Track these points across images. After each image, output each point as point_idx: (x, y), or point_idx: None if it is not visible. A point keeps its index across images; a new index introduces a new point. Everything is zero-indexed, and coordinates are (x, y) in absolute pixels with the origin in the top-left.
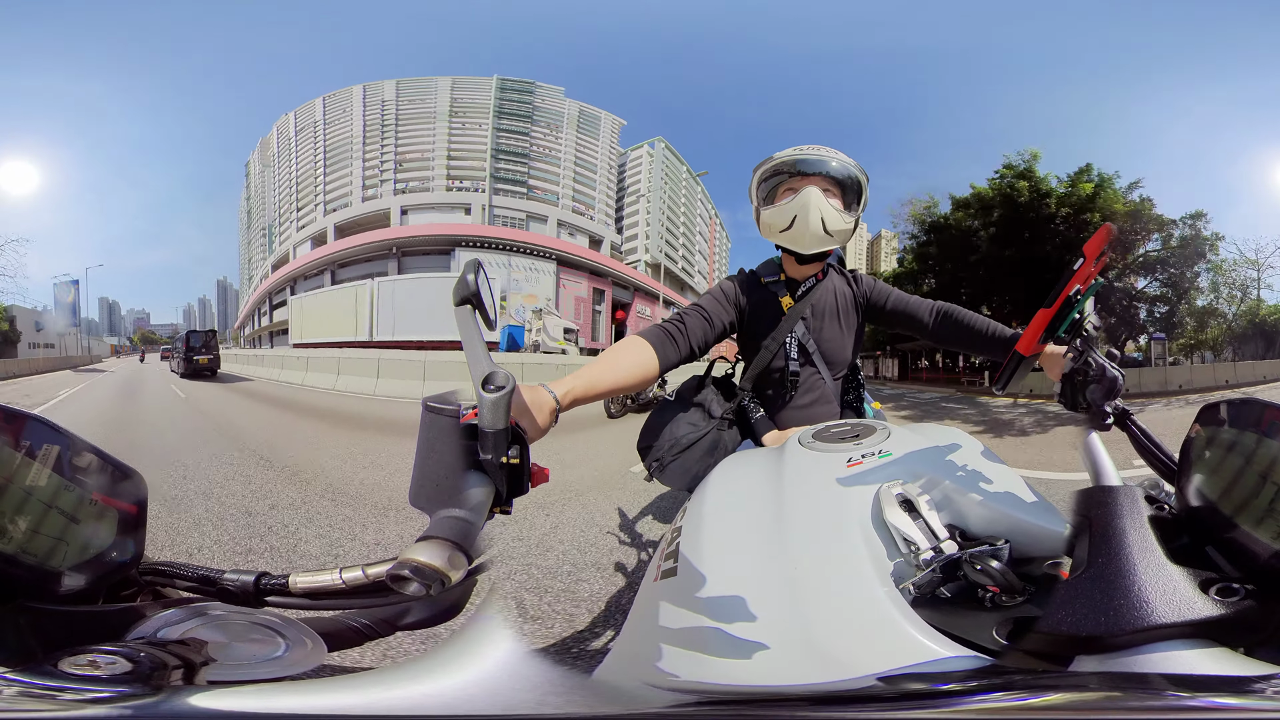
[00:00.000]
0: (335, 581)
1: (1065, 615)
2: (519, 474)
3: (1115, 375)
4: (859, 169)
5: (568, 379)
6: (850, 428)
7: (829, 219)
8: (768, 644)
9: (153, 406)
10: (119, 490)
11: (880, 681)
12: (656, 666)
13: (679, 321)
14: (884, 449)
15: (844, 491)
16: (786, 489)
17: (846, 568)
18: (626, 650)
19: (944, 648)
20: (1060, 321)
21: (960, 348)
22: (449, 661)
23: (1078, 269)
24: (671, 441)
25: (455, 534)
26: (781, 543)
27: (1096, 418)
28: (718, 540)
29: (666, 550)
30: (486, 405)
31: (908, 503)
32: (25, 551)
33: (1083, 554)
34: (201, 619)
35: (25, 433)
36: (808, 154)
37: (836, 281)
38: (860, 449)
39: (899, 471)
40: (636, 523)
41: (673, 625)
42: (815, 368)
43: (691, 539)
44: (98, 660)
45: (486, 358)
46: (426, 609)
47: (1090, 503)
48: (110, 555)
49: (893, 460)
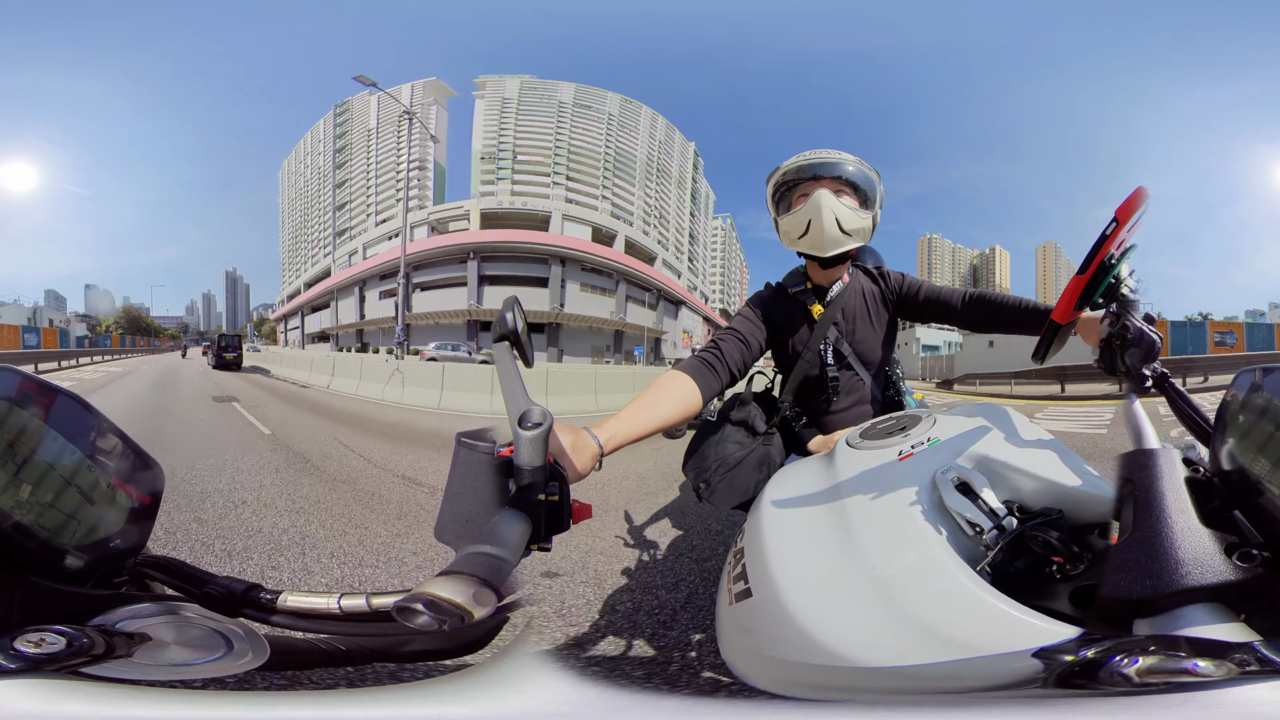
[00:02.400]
0: (330, 606)
1: (1119, 580)
2: (559, 510)
3: (1154, 338)
4: (868, 165)
5: (611, 422)
6: (896, 421)
7: (844, 218)
8: (878, 633)
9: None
10: (137, 479)
11: (1037, 658)
12: (784, 673)
13: (715, 349)
14: (932, 436)
15: (901, 484)
16: (844, 492)
17: (924, 558)
18: (743, 668)
19: (1044, 622)
20: (1095, 287)
21: (995, 329)
22: (465, 690)
23: (1110, 233)
24: (718, 461)
25: (484, 570)
26: (853, 546)
27: (1136, 381)
28: (786, 554)
29: (734, 572)
30: (523, 442)
31: (964, 485)
32: (39, 524)
33: (1129, 518)
34: (168, 617)
35: (56, 407)
36: (812, 158)
37: (863, 282)
38: (909, 440)
39: (950, 456)
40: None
41: (768, 641)
42: (853, 370)
43: (758, 557)
44: (45, 638)
45: (524, 394)
46: (438, 641)
47: (1133, 466)
48: (115, 542)
49: (942, 445)
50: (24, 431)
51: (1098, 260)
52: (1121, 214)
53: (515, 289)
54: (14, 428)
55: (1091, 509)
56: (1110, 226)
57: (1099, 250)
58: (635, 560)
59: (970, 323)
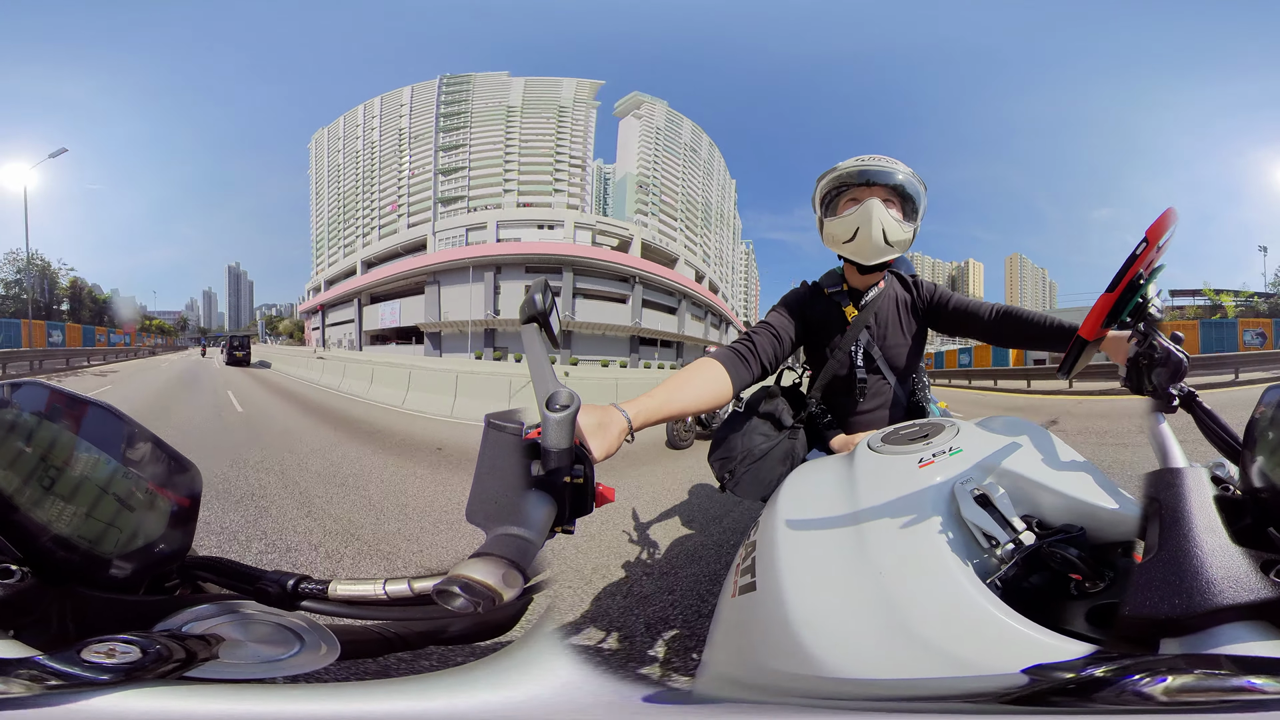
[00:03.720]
0: (377, 593)
1: (1144, 599)
2: (583, 493)
3: (1180, 358)
4: (917, 177)
5: (640, 399)
6: (919, 428)
7: (890, 230)
8: (870, 645)
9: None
10: (174, 482)
11: (1027, 675)
12: (759, 678)
13: (749, 341)
14: (954, 446)
15: (919, 492)
16: (861, 494)
17: (933, 567)
18: (720, 667)
19: (1049, 638)
20: (1124, 306)
21: (1021, 345)
22: (496, 676)
23: (1140, 253)
24: (744, 452)
25: (511, 552)
26: (862, 549)
27: (1162, 400)
28: (796, 551)
29: (743, 565)
30: (551, 424)
31: (983, 497)
32: (79, 535)
33: (1154, 537)
34: (231, 616)
35: (88, 418)
36: (869, 164)
37: (896, 288)
38: (930, 448)
39: (971, 467)
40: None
41: (763, 638)
42: (881, 374)
43: (768, 552)
44: (115, 648)
45: (551, 376)
46: (467, 625)
47: (1159, 485)
48: (159, 546)
49: (964, 456)
50: (55, 444)
51: (1127, 279)
52: (1152, 234)
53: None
54: (44, 441)
55: (1115, 527)
56: (1140, 246)
57: (1128, 269)
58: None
59: (998, 337)
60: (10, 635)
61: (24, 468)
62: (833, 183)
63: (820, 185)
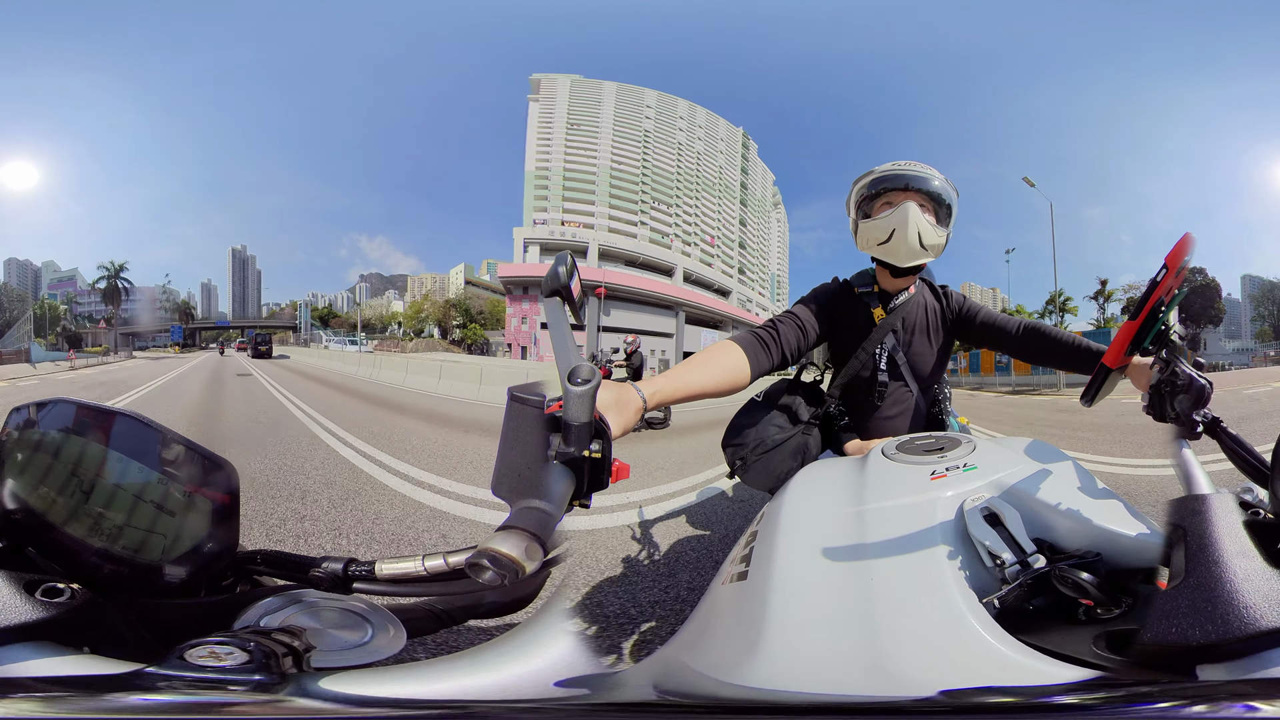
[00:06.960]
0: (418, 569)
1: (1171, 625)
2: (600, 468)
3: (1203, 384)
4: (951, 184)
5: (657, 379)
6: (934, 440)
7: (925, 233)
8: (831, 654)
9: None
10: (211, 481)
11: (943, 695)
12: (707, 666)
13: (772, 328)
14: (969, 462)
15: (927, 505)
16: (868, 500)
17: (926, 581)
18: (680, 648)
19: (1031, 660)
20: (1146, 333)
21: (1047, 363)
22: (516, 650)
23: (1161, 280)
24: (757, 441)
25: (534, 525)
26: (860, 555)
27: (1186, 427)
28: (793, 548)
29: (740, 554)
30: (572, 398)
31: (993, 516)
32: (122, 546)
33: (1180, 563)
34: (298, 606)
35: (116, 428)
36: (905, 169)
37: (927, 296)
38: (944, 462)
39: (984, 485)
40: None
41: (735, 628)
42: (903, 380)
43: (766, 545)
44: (216, 651)
45: (574, 350)
46: (499, 598)
47: (1184, 511)
48: (207, 546)
49: (978, 473)
50: (84, 458)
51: (1149, 306)
52: (1171, 261)
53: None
54: (73, 456)
55: (1136, 554)
56: (1160, 273)
57: (1149, 296)
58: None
59: (1024, 353)
60: (86, 652)
61: (56, 484)
62: (869, 186)
63: (856, 188)
